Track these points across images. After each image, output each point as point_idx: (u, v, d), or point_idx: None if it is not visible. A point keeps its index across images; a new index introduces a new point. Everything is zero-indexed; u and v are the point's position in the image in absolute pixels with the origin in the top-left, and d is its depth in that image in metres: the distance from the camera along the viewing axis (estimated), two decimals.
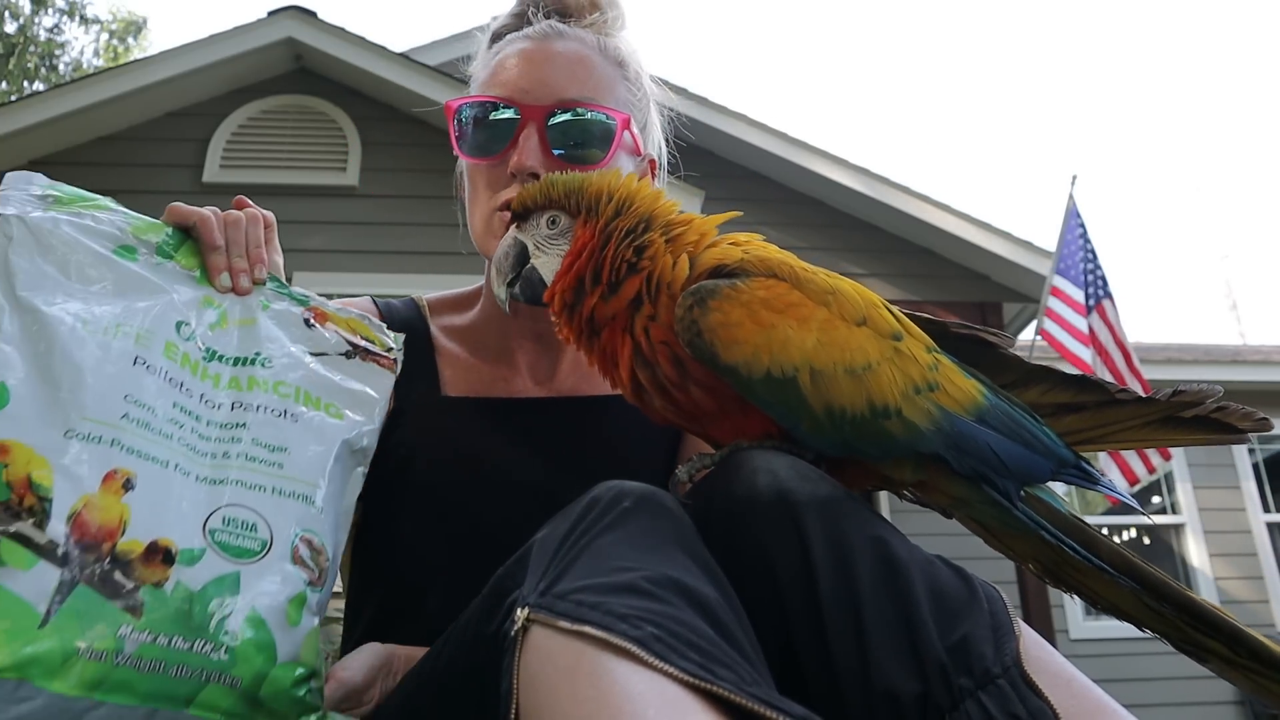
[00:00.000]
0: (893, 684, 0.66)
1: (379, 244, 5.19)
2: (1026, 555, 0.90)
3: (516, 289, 0.94)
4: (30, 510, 0.69)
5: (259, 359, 0.90)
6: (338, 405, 0.92)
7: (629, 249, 0.87)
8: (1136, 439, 0.90)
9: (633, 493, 0.71)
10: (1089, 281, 5.38)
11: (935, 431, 0.82)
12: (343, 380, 0.94)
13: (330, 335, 0.96)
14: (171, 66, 5.41)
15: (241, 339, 0.90)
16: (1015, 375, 0.94)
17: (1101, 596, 0.87)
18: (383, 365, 0.98)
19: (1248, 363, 7.93)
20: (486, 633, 0.69)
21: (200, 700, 0.72)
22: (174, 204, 0.96)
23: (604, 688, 0.56)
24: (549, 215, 0.92)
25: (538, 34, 1.13)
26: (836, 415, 0.81)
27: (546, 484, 1.04)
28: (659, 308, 0.85)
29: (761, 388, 0.81)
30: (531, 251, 0.93)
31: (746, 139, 6.03)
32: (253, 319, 0.92)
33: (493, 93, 1.10)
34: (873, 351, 0.83)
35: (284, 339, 0.93)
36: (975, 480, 0.84)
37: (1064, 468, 0.88)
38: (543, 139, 1.06)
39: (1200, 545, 7.31)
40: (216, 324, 0.90)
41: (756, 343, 0.80)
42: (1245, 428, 0.86)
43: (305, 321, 0.96)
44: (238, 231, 0.95)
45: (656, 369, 0.85)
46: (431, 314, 1.23)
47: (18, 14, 16.54)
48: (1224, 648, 0.81)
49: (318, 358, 0.94)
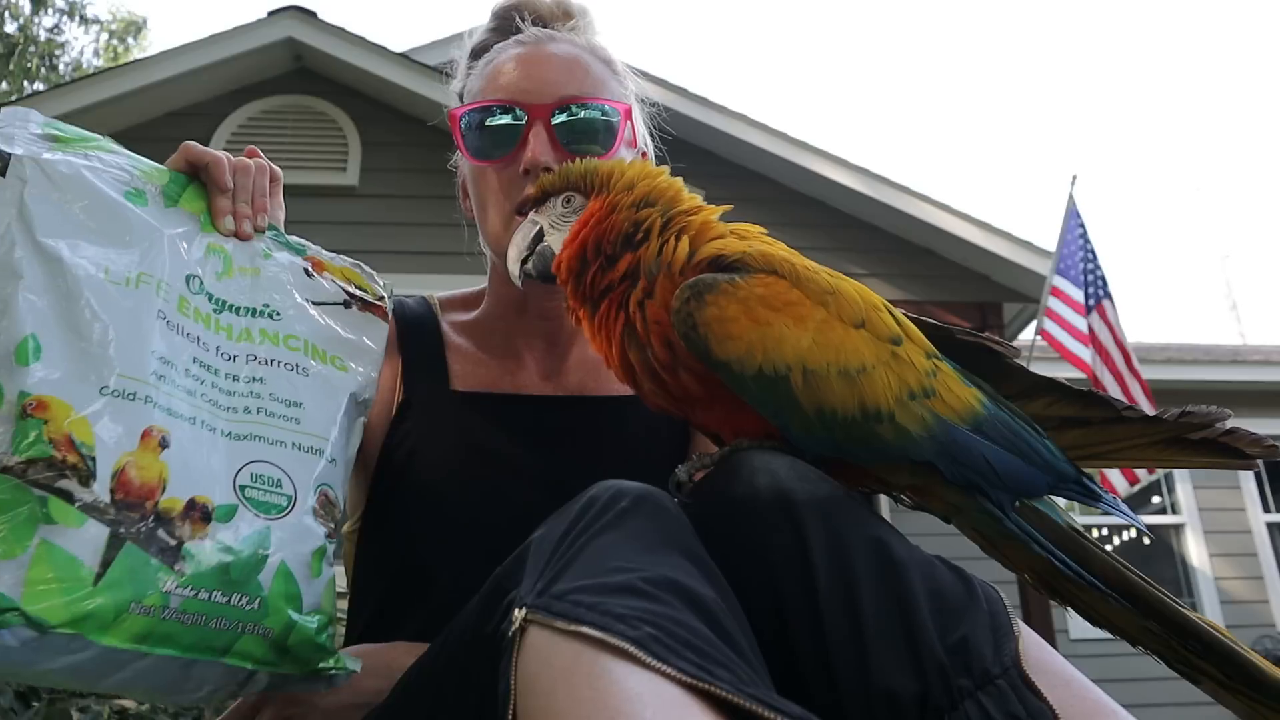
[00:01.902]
0: (891, 684, 0.66)
1: (379, 244, 5.18)
2: (1021, 565, 0.89)
3: (529, 265, 0.95)
4: (75, 469, 0.70)
5: (268, 310, 0.91)
6: (342, 357, 0.93)
7: (628, 222, 0.88)
8: (1141, 458, 0.89)
9: (630, 492, 0.71)
10: (1089, 281, 5.38)
11: (928, 439, 0.81)
12: (344, 330, 0.95)
13: (329, 284, 0.97)
14: (171, 66, 5.41)
15: (249, 288, 0.91)
16: (1020, 386, 0.92)
17: (1095, 611, 0.86)
18: (377, 315, 0.99)
19: (1248, 363, 7.93)
20: (484, 633, 0.69)
21: (236, 650, 0.77)
22: (188, 143, 0.96)
23: (601, 688, 0.56)
24: (565, 195, 0.94)
25: (529, 39, 1.16)
26: (827, 416, 0.80)
27: (553, 479, 1.04)
28: (656, 287, 0.85)
29: (753, 385, 0.80)
30: (546, 230, 0.95)
31: (746, 139, 6.03)
32: (256, 268, 0.93)
33: (494, 97, 1.12)
34: (868, 354, 0.82)
35: (289, 288, 0.94)
36: (969, 489, 0.83)
37: (1063, 482, 0.87)
38: (551, 135, 1.08)
39: (1200, 545, 7.31)
40: (223, 272, 0.90)
41: (750, 339, 0.80)
42: (1254, 454, 0.84)
43: (305, 271, 0.96)
44: (246, 178, 0.97)
45: (648, 350, 0.85)
46: (442, 311, 1.25)
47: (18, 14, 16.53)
48: (1217, 670, 0.80)
49: (320, 307, 0.95)
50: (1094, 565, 0.84)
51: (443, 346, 1.19)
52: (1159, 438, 0.87)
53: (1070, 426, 0.90)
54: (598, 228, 0.89)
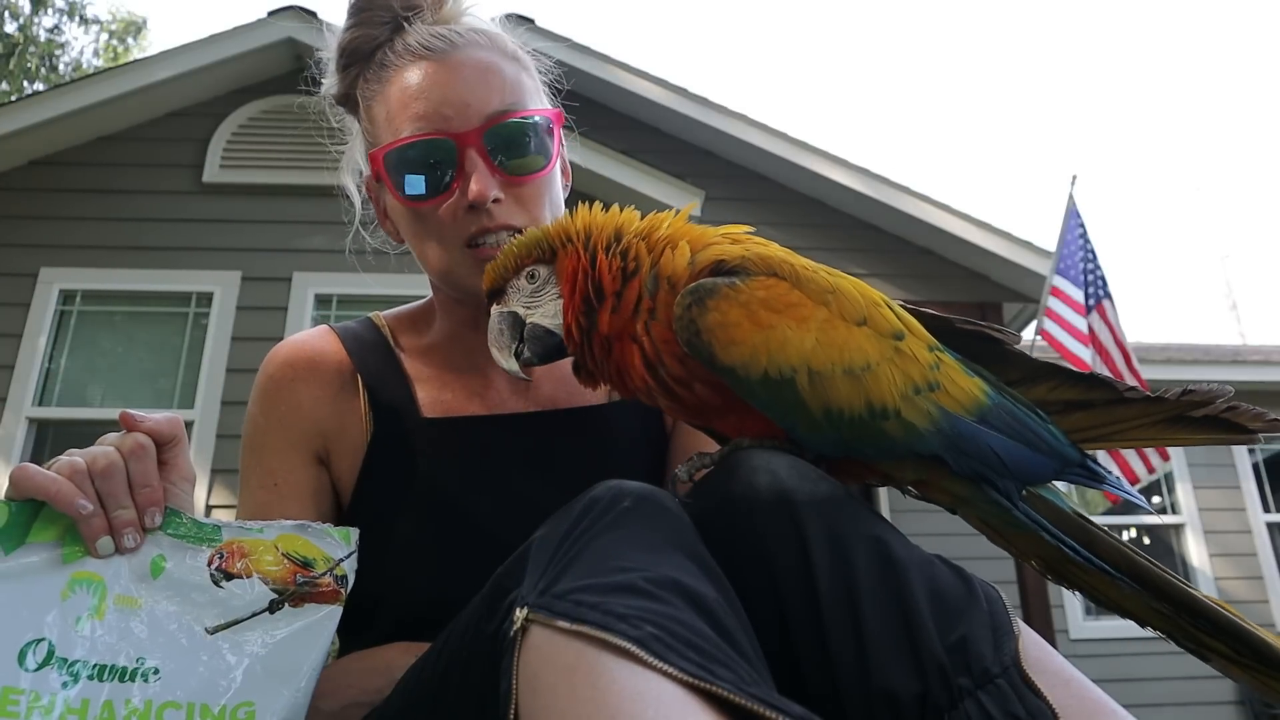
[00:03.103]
0: (891, 683, 0.66)
1: (379, 244, 5.17)
2: (1029, 553, 0.90)
3: (526, 353, 0.93)
4: None
5: (140, 670, 0.73)
6: (252, 703, 0.75)
7: (616, 257, 0.87)
8: (1144, 437, 0.89)
9: (632, 492, 0.71)
10: (1088, 281, 5.38)
11: (934, 432, 0.82)
12: (261, 650, 0.77)
13: (248, 586, 0.79)
14: (171, 66, 5.40)
15: (120, 634, 0.73)
16: (1021, 372, 0.92)
17: (1104, 595, 0.87)
18: (323, 597, 0.82)
19: (1248, 363, 7.93)
20: (486, 632, 0.69)
21: None
22: (20, 470, 0.78)
23: (603, 687, 0.56)
24: (526, 272, 0.92)
25: (427, 51, 1.05)
26: (835, 416, 0.81)
27: (534, 498, 1.01)
28: (658, 304, 0.85)
29: (759, 388, 0.80)
30: (522, 314, 0.92)
31: (746, 139, 6.03)
32: (137, 599, 0.75)
33: (410, 129, 1.03)
34: (872, 352, 0.82)
35: (180, 620, 0.76)
36: (976, 480, 0.83)
37: (1069, 466, 0.87)
38: (486, 160, 1.02)
39: (1200, 545, 7.31)
40: (94, 611, 0.73)
41: (754, 343, 0.80)
42: (1256, 428, 0.85)
43: (213, 576, 0.78)
44: (112, 479, 0.79)
45: (661, 368, 0.85)
46: (393, 333, 1.19)
47: (18, 14, 16.53)
48: (1226, 646, 0.81)
49: (228, 632, 0.76)
50: (1101, 550, 0.85)
51: (404, 373, 1.14)
52: (1162, 417, 0.87)
53: (1073, 410, 0.90)
54: (590, 278, 0.87)
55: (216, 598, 0.77)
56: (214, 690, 0.74)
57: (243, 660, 0.76)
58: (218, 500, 4.74)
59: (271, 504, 1.07)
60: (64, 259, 5.15)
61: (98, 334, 5.21)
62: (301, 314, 5.10)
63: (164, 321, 5.24)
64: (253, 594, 0.78)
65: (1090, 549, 0.85)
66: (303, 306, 5.12)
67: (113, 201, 5.32)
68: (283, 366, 1.12)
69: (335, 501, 1.12)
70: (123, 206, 5.31)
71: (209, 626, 0.76)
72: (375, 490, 1.08)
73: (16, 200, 5.29)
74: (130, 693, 0.71)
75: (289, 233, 5.30)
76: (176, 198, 5.35)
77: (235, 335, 5.06)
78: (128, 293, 5.22)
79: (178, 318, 5.21)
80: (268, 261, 5.23)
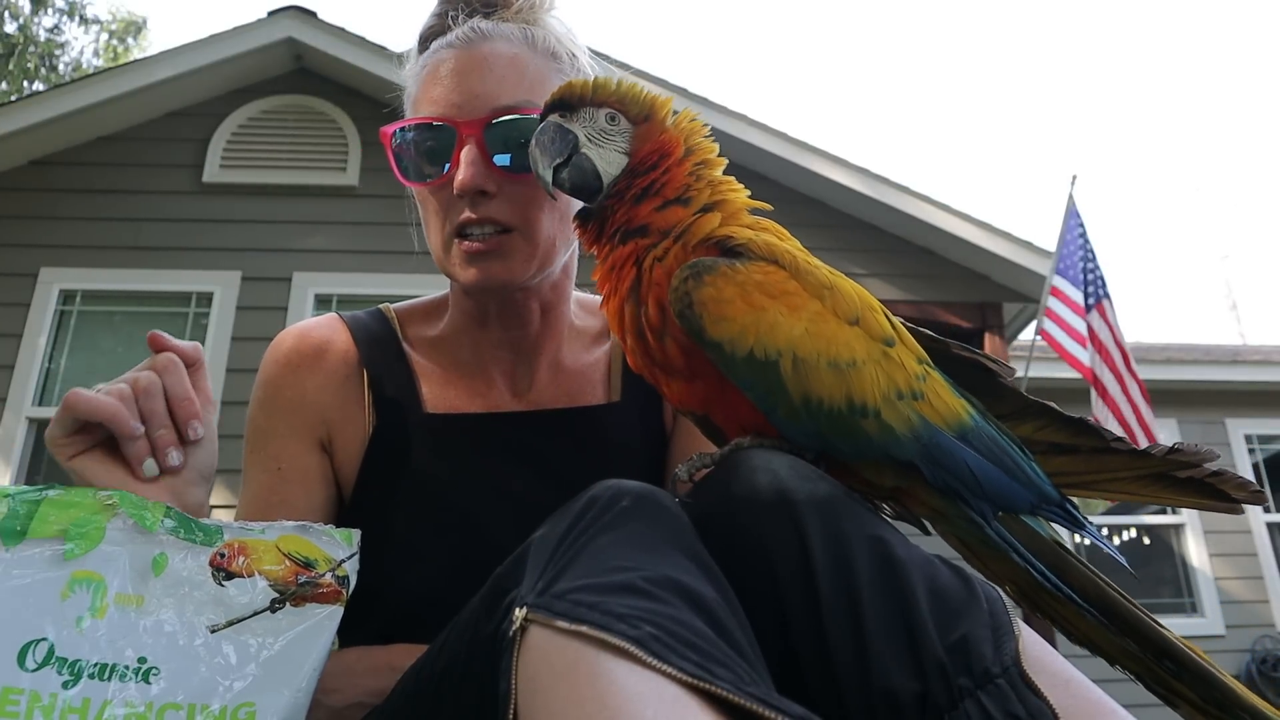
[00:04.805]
0: (891, 683, 0.66)
1: (379, 244, 5.18)
2: (1003, 576, 0.89)
3: (565, 174, 0.91)
4: None
5: (142, 669, 0.72)
6: (253, 704, 0.74)
7: (692, 177, 0.90)
8: (1126, 491, 0.89)
9: (631, 492, 0.71)
10: (1088, 281, 5.38)
11: (912, 439, 0.82)
12: (260, 655, 0.76)
13: (250, 586, 0.78)
14: (171, 66, 5.40)
15: (122, 632, 0.73)
16: (1012, 407, 0.93)
17: (1074, 627, 0.87)
18: (325, 598, 0.81)
19: (1248, 363, 7.92)
20: (485, 632, 0.69)
21: None
22: (73, 394, 0.80)
23: (602, 687, 0.56)
24: (606, 112, 0.92)
25: (462, 40, 1.07)
26: (814, 405, 0.81)
27: (530, 499, 1.02)
28: (670, 254, 0.86)
29: (743, 367, 0.81)
30: (583, 141, 0.91)
31: (746, 139, 6.02)
32: (139, 597, 0.75)
33: (425, 112, 1.05)
34: (859, 350, 0.83)
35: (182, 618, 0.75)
36: (951, 496, 0.83)
37: (1046, 504, 0.86)
38: (483, 152, 1.01)
39: (1200, 545, 7.31)
40: (93, 609, 0.72)
41: (744, 322, 0.81)
42: (1240, 498, 0.84)
43: (215, 575, 0.78)
44: (155, 399, 0.84)
45: (643, 307, 0.86)
46: (403, 325, 1.19)
47: (18, 14, 16.53)
48: (1193, 692, 0.80)
49: (230, 630, 0.76)
50: (1073, 579, 0.84)
51: (410, 367, 1.14)
52: (1145, 472, 0.87)
53: (1058, 453, 0.90)
54: (664, 170, 0.89)
55: (217, 597, 0.77)
56: (214, 690, 0.73)
57: (244, 660, 0.75)
58: (218, 500, 4.74)
59: (274, 487, 1.07)
60: (64, 259, 5.15)
61: (98, 334, 5.21)
62: (301, 314, 5.10)
63: (164, 321, 5.24)
64: (254, 593, 0.78)
65: (1061, 577, 0.84)
66: (303, 306, 5.12)
67: (113, 201, 5.32)
68: (289, 353, 1.12)
69: (338, 492, 1.12)
70: (123, 206, 5.31)
71: (210, 626, 0.75)
72: (375, 484, 1.08)
73: (16, 200, 5.29)
74: (131, 692, 0.71)
75: (289, 233, 5.31)
76: (176, 198, 5.35)
77: (235, 335, 5.06)
78: (128, 293, 5.22)
79: (178, 318, 5.21)
80: (267, 261, 5.24)
